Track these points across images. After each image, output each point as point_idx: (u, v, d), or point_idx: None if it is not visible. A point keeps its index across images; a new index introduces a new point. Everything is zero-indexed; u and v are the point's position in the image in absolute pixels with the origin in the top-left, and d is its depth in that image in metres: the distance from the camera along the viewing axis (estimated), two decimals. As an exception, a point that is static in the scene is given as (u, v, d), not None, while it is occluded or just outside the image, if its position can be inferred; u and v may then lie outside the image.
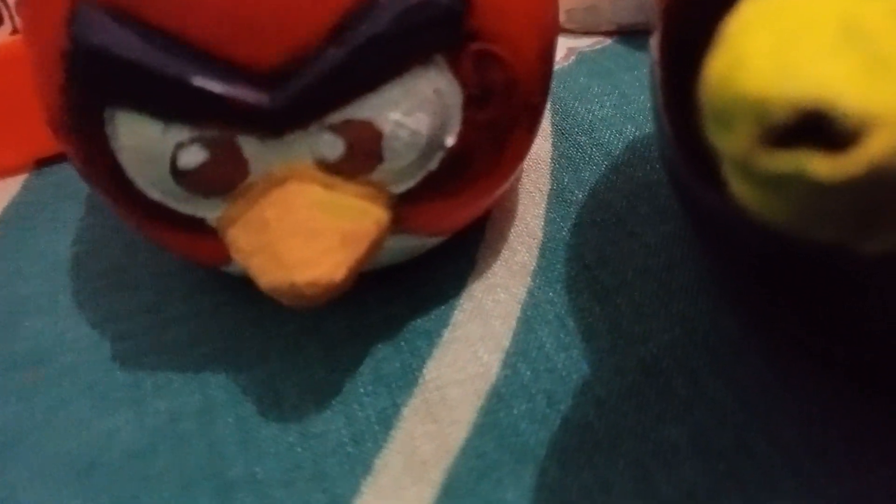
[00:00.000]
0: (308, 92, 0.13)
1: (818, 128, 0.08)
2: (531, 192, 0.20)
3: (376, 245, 0.15)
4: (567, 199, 0.20)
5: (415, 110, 0.14)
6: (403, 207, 0.15)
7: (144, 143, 0.14)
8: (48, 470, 0.16)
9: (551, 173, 0.21)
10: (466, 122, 0.15)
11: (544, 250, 0.19)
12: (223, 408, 0.16)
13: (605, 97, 0.23)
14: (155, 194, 0.15)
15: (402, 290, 0.18)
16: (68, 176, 0.23)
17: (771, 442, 0.15)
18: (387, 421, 0.16)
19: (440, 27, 0.13)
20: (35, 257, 0.21)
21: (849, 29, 0.08)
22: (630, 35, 0.26)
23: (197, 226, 0.15)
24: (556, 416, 0.16)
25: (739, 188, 0.09)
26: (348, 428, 0.16)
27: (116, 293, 0.19)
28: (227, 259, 0.16)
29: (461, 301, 0.18)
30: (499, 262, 0.19)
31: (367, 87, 0.13)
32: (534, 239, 0.19)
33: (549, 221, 0.20)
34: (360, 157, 0.14)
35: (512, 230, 0.20)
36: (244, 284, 0.18)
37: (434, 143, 0.14)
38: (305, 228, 0.14)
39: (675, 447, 0.15)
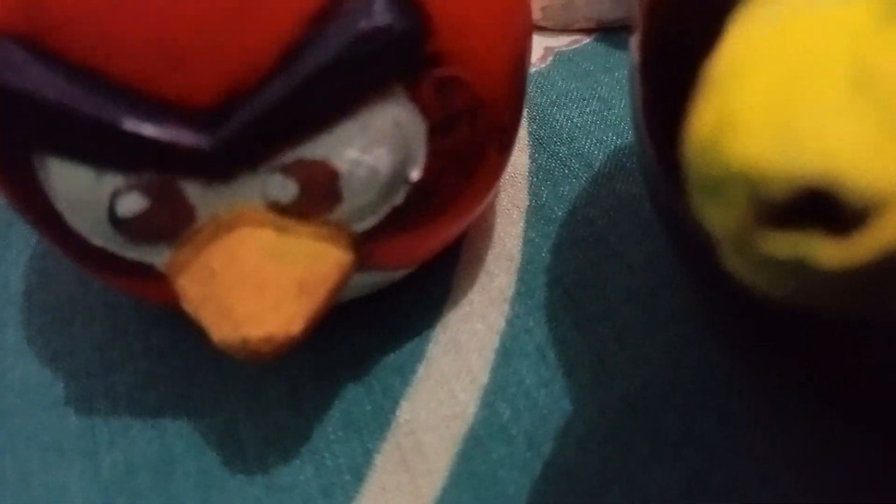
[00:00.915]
0: (251, 131, 0.12)
1: (822, 202, 0.07)
2: (508, 210, 0.19)
3: (338, 289, 0.14)
4: (546, 217, 0.19)
5: (373, 146, 0.12)
6: (367, 244, 0.14)
7: (78, 190, 0.12)
8: (-5, 532, 0.15)
9: (529, 188, 0.20)
10: (431, 152, 0.13)
11: (523, 273, 0.18)
12: (183, 458, 0.15)
13: (585, 102, 0.22)
14: (97, 241, 0.13)
15: (372, 322, 0.17)
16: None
17: (766, 487, 0.14)
18: (358, 470, 0.15)
19: (396, 54, 0.12)
20: (-17, 290, 0.19)
21: (860, 76, 0.07)
22: (609, 32, 0.24)
23: (146, 271, 0.14)
24: (536, 460, 0.15)
25: (731, 262, 0.08)
26: (318, 479, 0.15)
27: (67, 328, 0.18)
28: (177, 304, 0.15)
29: (436, 332, 0.17)
30: (475, 288, 0.18)
31: (318, 124, 0.12)
32: (511, 262, 0.18)
33: (527, 242, 0.19)
34: (316, 199, 0.13)
35: (489, 252, 0.19)
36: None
37: (397, 177, 0.13)
38: (255, 278, 0.13)
39: (665, 493, 0.14)
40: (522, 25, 0.15)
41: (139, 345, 0.18)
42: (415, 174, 0.13)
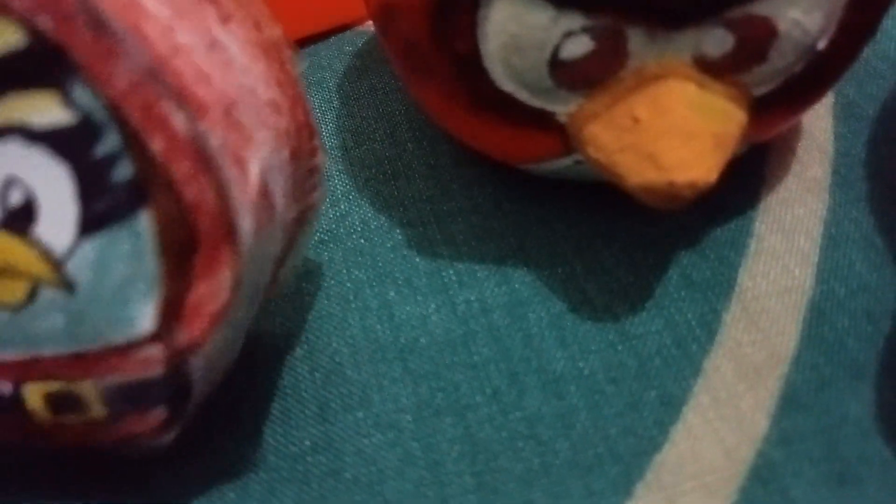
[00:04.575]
0: (719, -17, 0.12)
1: None
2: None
3: (733, 150, 0.14)
4: (856, 114, 0.19)
5: (813, 9, 0.13)
6: (755, 110, 0.15)
7: (527, 30, 0.13)
8: (363, 346, 0.16)
9: (835, 86, 0.20)
10: (840, 25, 0.14)
11: (838, 166, 0.18)
12: (531, 303, 0.17)
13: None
14: (508, 86, 0.14)
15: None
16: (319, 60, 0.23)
17: None
18: (708, 326, 0.16)
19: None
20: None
21: None
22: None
23: (541, 119, 0.15)
24: (878, 335, 0.16)
25: None
26: (669, 331, 0.16)
27: (391, 182, 0.19)
28: (556, 155, 0.16)
29: (759, 213, 0.18)
30: (790, 176, 0.18)
31: (778, -18, 0.13)
32: (824, 154, 0.19)
33: (838, 136, 0.19)
34: (745, 56, 0.13)
35: (799, 143, 0.19)
36: (525, 182, 0.19)
37: (812, 44, 0.14)
38: (682, 130, 0.13)
39: None
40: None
41: (467, 202, 0.19)
42: (822, 43, 0.14)
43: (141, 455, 0.14)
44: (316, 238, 0.18)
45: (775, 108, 0.15)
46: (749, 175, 0.18)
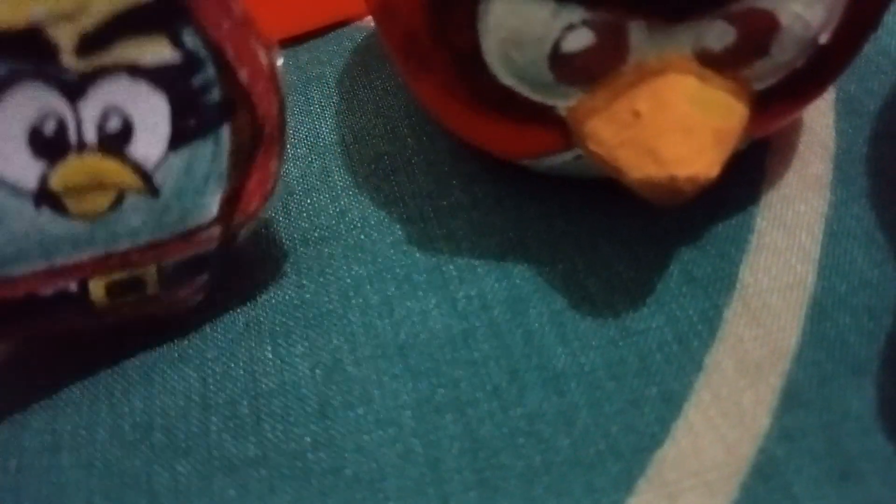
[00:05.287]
0: (720, -24, 0.12)
1: None
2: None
3: (735, 145, 0.14)
4: (857, 110, 0.19)
5: (815, 3, 0.13)
6: (756, 105, 0.15)
7: (527, 24, 0.13)
8: (363, 342, 0.16)
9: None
10: (842, 19, 0.14)
11: (840, 162, 0.18)
12: (532, 298, 0.17)
13: (886, 3, 0.22)
14: (509, 80, 0.14)
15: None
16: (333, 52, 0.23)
17: None
18: (710, 322, 0.16)
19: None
20: (295, 140, 0.21)
21: None
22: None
23: (542, 114, 0.15)
24: (880, 331, 0.15)
25: None
26: (670, 327, 0.16)
27: (391, 177, 0.19)
28: (557, 150, 0.16)
29: (760, 209, 0.18)
30: (790, 172, 0.18)
31: (779, -25, 0.13)
32: (826, 150, 0.19)
33: (840, 132, 0.19)
34: (747, 50, 0.13)
35: (801, 140, 0.19)
36: (526, 178, 0.18)
37: (814, 38, 0.14)
38: (683, 124, 0.13)
39: None
40: None
41: (467, 197, 0.19)
42: (824, 37, 0.14)
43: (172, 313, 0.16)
44: (316, 234, 0.18)
45: (777, 103, 0.15)
46: (750, 171, 0.18)
